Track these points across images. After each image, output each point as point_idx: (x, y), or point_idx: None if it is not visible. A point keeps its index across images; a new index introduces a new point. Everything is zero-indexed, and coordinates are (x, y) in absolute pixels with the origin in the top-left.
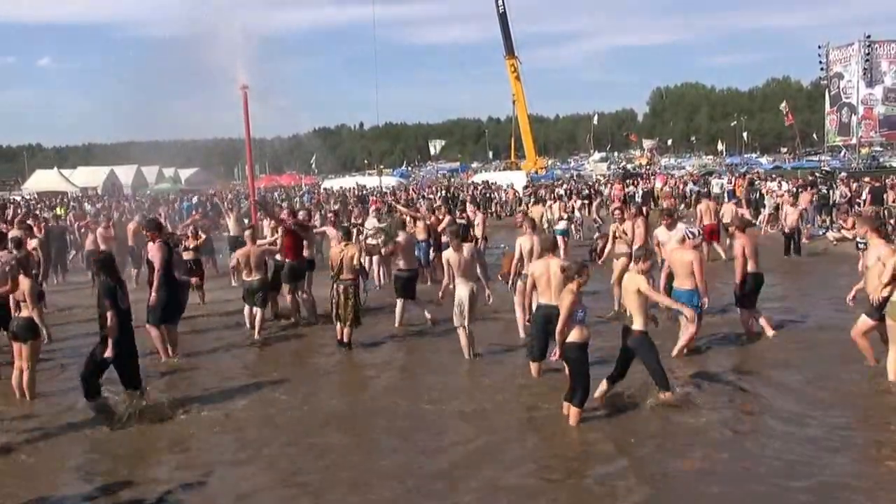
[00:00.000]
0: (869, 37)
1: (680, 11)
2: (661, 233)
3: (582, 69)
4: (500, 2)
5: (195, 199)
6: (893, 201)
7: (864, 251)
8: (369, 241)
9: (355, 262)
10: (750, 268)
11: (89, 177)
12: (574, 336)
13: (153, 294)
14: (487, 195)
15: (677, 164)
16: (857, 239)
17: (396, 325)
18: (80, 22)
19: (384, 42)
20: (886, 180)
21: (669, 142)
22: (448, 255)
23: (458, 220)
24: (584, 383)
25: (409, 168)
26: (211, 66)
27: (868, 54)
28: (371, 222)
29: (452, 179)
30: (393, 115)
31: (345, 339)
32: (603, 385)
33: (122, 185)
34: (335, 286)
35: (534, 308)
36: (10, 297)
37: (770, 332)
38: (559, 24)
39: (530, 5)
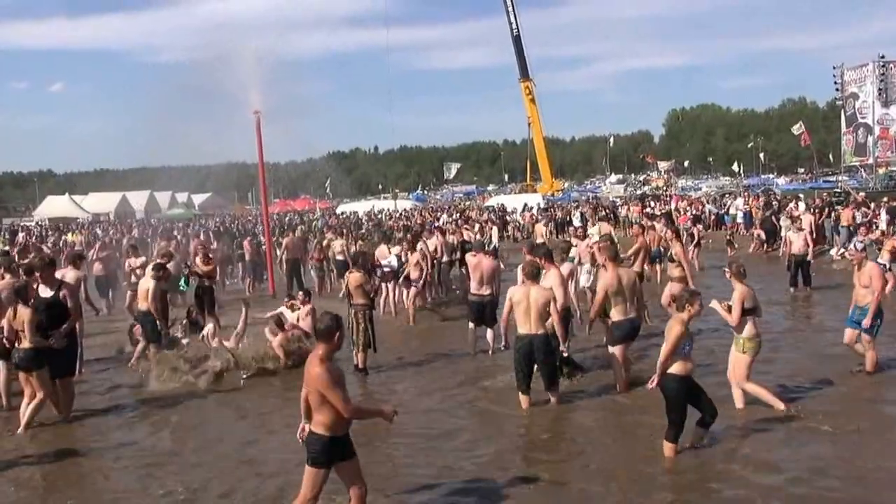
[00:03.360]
0: (883, 57)
1: (695, 34)
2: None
3: (597, 91)
4: (514, 25)
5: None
6: None
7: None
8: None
9: (366, 287)
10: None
11: (101, 203)
12: (676, 368)
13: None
14: (503, 217)
15: (694, 186)
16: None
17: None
18: (93, 48)
19: (399, 66)
20: None
21: (686, 163)
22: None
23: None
24: (679, 418)
25: (425, 191)
26: (224, 91)
27: (883, 74)
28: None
29: (468, 202)
30: (408, 138)
31: (360, 365)
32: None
33: (134, 210)
34: (349, 311)
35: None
36: (10, 326)
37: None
38: (574, 47)
39: (545, 28)
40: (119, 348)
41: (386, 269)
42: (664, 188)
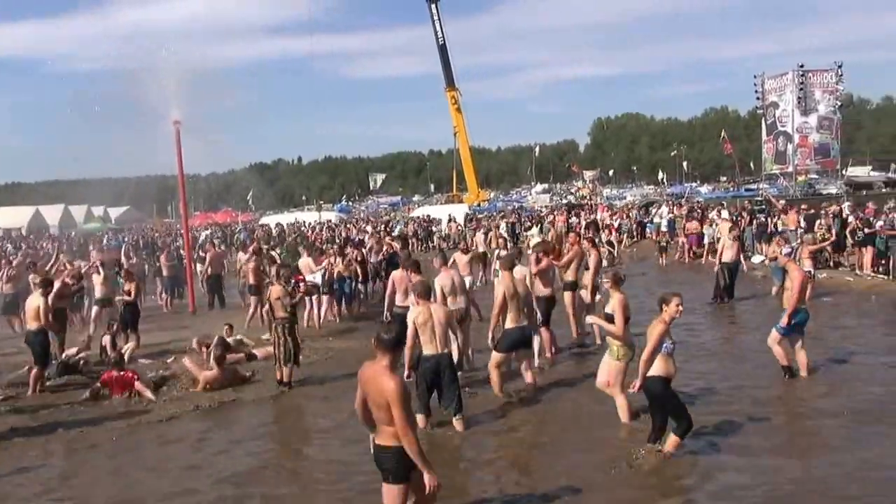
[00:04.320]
0: (802, 66)
1: (620, 43)
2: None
3: (523, 101)
4: (439, 34)
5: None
6: (826, 228)
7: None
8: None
9: (285, 300)
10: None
11: (13, 217)
12: (659, 369)
13: None
14: (428, 229)
15: (619, 195)
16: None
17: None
18: (4, 56)
19: (323, 75)
20: (830, 208)
21: (611, 172)
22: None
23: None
24: (681, 411)
25: (350, 202)
26: (141, 102)
27: (802, 84)
28: None
29: (394, 213)
30: (333, 148)
31: (283, 379)
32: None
33: (48, 225)
34: (271, 325)
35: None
36: None
37: None
38: (501, 57)
39: (472, 38)
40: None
41: (309, 284)
42: (589, 197)
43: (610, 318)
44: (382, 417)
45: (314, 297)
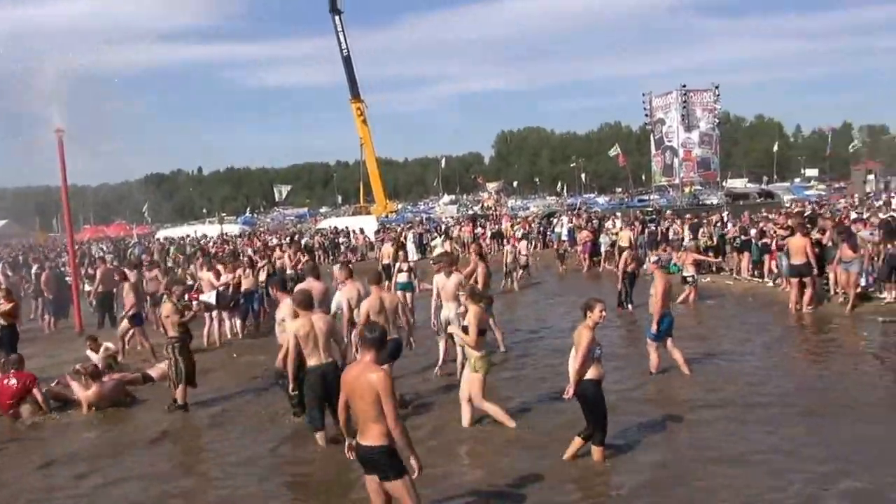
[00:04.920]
0: (685, 86)
1: (523, 59)
2: (439, 279)
3: (429, 113)
4: (343, 45)
5: None
6: (709, 236)
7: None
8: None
9: (175, 318)
10: None
11: None
12: (591, 373)
13: None
14: (335, 241)
15: (523, 205)
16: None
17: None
18: None
19: (225, 84)
20: (713, 217)
21: (515, 183)
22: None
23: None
24: (603, 422)
25: (254, 214)
26: (20, 107)
27: (685, 102)
28: None
29: (300, 225)
30: (235, 159)
31: (179, 401)
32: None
33: None
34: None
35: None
36: None
37: None
38: (408, 69)
39: (377, 49)
40: None
41: (202, 302)
42: (494, 208)
43: (466, 330)
44: (369, 414)
45: (214, 314)
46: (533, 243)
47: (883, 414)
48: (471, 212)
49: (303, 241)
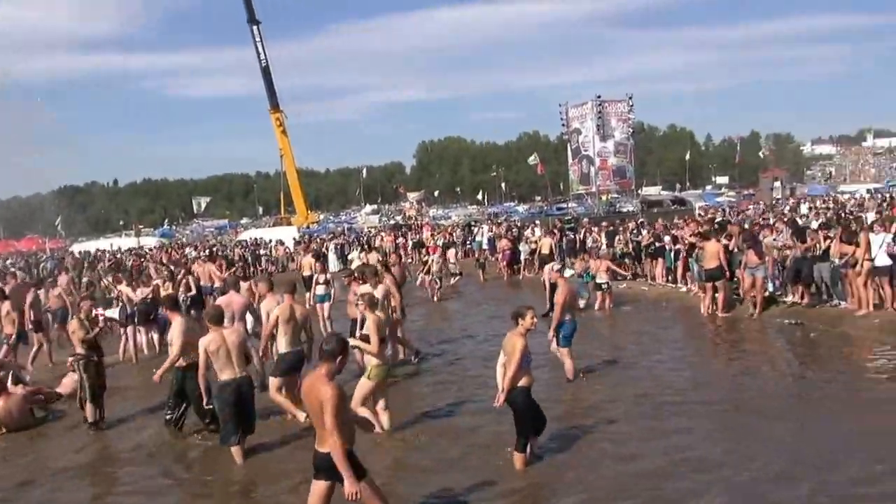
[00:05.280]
0: (600, 97)
1: (443, 70)
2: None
3: (351, 123)
4: (261, 56)
5: None
6: (625, 243)
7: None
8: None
9: (80, 335)
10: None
11: None
12: (523, 381)
13: None
14: (256, 252)
15: (445, 215)
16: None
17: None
18: None
19: (141, 94)
20: (629, 224)
21: (436, 193)
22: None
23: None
24: (530, 428)
25: (173, 227)
26: None
27: (600, 113)
28: None
29: (220, 237)
30: (152, 171)
31: (89, 419)
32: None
33: None
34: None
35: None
36: None
37: None
38: (329, 79)
39: (298, 59)
40: None
41: (107, 318)
42: (416, 217)
43: (367, 339)
44: (320, 423)
45: (129, 328)
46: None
47: (788, 412)
48: (392, 221)
49: (222, 253)
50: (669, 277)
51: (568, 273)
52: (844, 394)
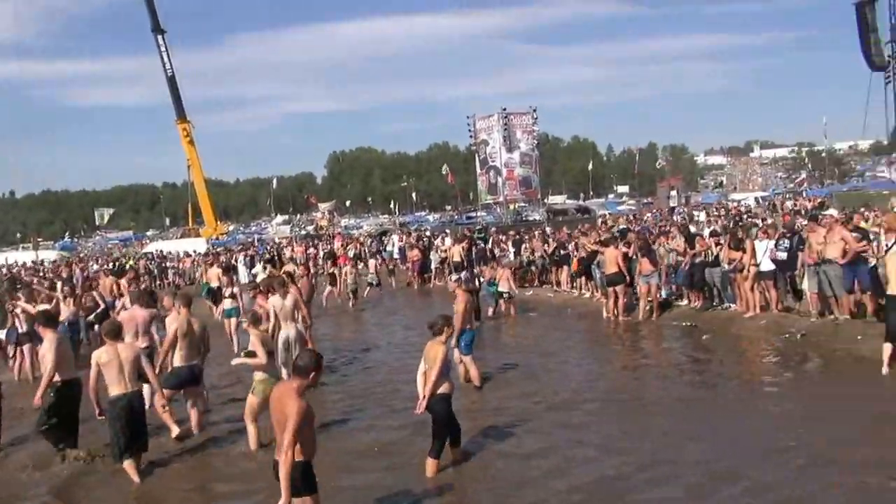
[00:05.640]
0: (505, 109)
1: (355, 81)
2: (275, 301)
3: (261, 133)
4: (167, 65)
5: None
6: (532, 251)
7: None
8: None
9: None
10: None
11: None
12: (444, 388)
13: None
14: (163, 265)
15: (357, 224)
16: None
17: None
18: None
19: (39, 103)
20: (535, 232)
21: (348, 203)
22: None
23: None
24: (447, 435)
25: (74, 239)
26: None
27: (506, 125)
28: None
29: (125, 249)
30: (52, 181)
31: None
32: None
33: None
34: None
35: None
36: None
37: None
38: (240, 90)
39: (206, 68)
40: None
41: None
42: (328, 228)
43: (253, 355)
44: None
45: (26, 347)
46: (365, 262)
47: (684, 409)
48: (304, 232)
49: (126, 267)
50: (574, 284)
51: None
52: (734, 390)
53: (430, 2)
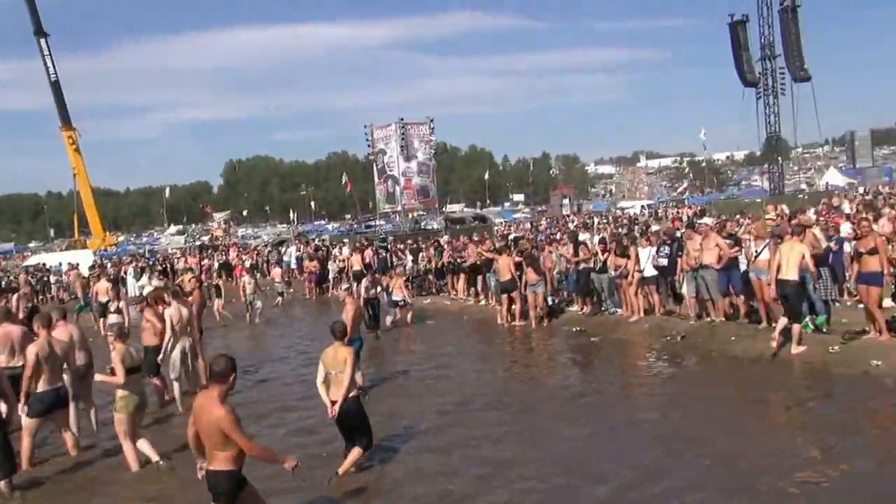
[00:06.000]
0: (402, 119)
1: (251, 89)
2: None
3: (153, 141)
4: (51, 70)
5: None
6: (428, 260)
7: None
8: None
9: None
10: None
11: None
12: (354, 392)
13: None
14: (45, 279)
15: (254, 234)
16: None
17: None
18: None
19: None
20: (431, 242)
21: (245, 212)
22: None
23: None
24: (370, 428)
25: None
26: None
27: (403, 134)
28: None
29: (5, 262)
30: None
31: None
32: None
33: None
34: None
35: None
36: None
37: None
38: (130, 97)
39: (94, 74)
40: None
41: None
42: (223, 238)
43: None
44: (214, 443)
45: None
46: (263, 273)
47: (572, 411)
48: (198, 242)
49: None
50: (471, 291)
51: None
52: (619, 391)
53: (327, 12)
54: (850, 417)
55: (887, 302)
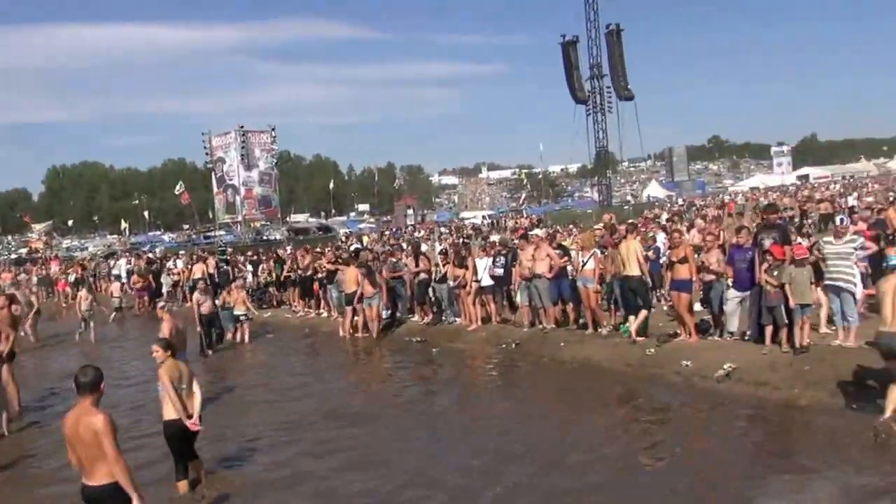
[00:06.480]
0: (243, 127)
1: (78, 91)
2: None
3: None
4: None
5: None
6: (269, 272)
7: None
8: None
9: None
10: None
11: None
12: (169, 413)
13: None
14: None
15: (81, 245)
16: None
17: None
18: None
19: None
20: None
21: (70, 222)
22: None
23: None
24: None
25: None
26: None
27: (244, 142)
28: None
29: None
30: None
31: None
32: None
33: None
34: None
35: None
36: None
37: None
38: None
39: None
40: None
41: None
42: (43, 250)
43: None
44: (94, 454)
45: None
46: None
47: (407, 420)
48: (15, 255)
49: None
50: (311, 304)
51: None
52: (456, 400)
53: (160, 12)
54: (661, 416)
55: (696, 307)
